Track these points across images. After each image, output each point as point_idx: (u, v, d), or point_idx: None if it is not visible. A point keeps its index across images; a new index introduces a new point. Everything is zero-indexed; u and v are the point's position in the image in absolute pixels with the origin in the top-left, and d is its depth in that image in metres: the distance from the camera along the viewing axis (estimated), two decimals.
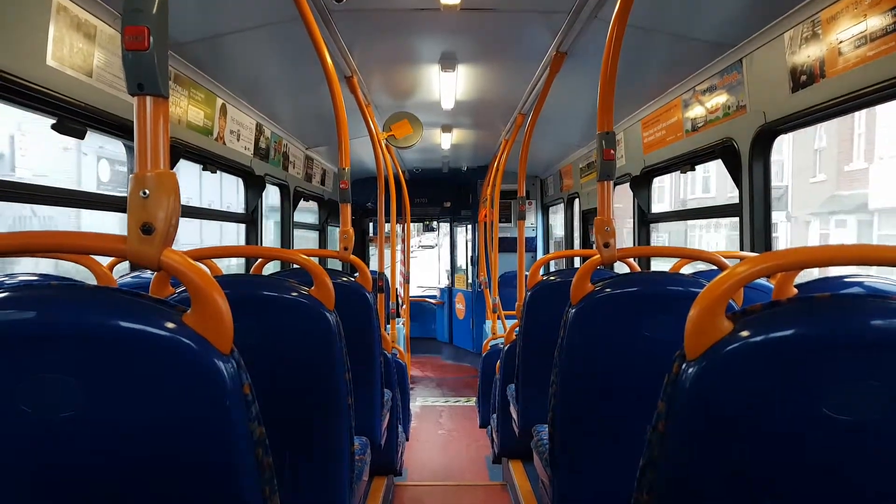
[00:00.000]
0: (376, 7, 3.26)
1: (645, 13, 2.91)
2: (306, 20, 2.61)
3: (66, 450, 1.01)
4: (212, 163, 4.15)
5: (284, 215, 6.04)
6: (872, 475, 1.00)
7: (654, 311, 1.92)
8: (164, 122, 1.09)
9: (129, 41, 1.06)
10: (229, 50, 3.61)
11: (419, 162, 9.23)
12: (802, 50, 2.73)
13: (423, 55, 4.16)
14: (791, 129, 3.08)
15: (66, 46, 2.49)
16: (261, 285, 1.87)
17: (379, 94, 5.15)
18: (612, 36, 2.05)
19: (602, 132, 2.09)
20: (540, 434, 2.60)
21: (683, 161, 4.19)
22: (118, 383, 1.00)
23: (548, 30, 3.53)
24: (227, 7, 3.12)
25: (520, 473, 3.98)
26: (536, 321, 2.82)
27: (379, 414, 2.82)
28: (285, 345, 1.83)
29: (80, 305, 1.01)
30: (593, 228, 2.14)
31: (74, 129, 2.68)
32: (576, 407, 2.05)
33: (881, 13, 2.25)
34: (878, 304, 0.99)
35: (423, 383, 9.31)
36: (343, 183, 3.20)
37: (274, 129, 5.30)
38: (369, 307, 2.66)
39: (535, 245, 9.77)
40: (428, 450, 6.16)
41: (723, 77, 3.49)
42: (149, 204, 1.06)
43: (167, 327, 0.99)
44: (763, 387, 0.98)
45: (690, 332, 1.00)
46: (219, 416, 1.02)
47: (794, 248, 1.07)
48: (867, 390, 0.96)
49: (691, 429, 1.02)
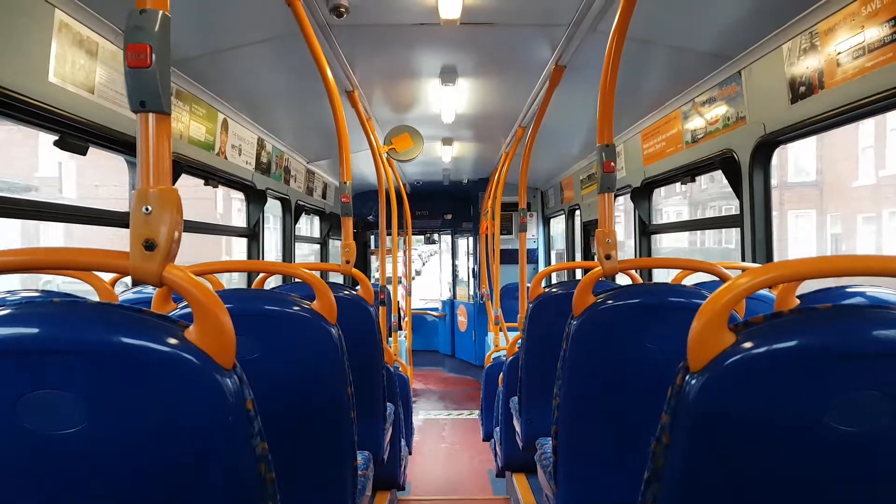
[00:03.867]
0: (376, 22, 3.29)
1: (644, 25, 2.92)
2: (307, 35, 2.63)
3: (68, 466, 1.00)
4: (213, 177, 4.16)
5: (286, 229, 6.06)
6: (877, 486, 0.99)
7: (656, 323, 1.92)
8: (166, 139, 1.09)
9: (132, 59, 1.07)
10: (230, 65, 3.63)
11: (420, 175, 9.26)
12: (801, 61, 2.74)
13: (423, 69, 4.19)
14: (791, 140, 3.09)
15: (69, 63, 2.51)
16: (262, 299, 1.87)
17: (380, 107, 5.17)
18: (612, 48, 2.06)
19: (602, 144, 2.09)
20: (543, 447, 2.59)
21: (684, 172, 4.19)
22: (120, 399, 1.00)
23: (547, 43, 3.55)
24: (228, 23, 3.14)
25: (524, 487, 3.95)
26: (539, 333, 2.81)
27: (381, 428, 2.81)
28: (287, 359, 1.83)
29: (82, 321, 1.01)
30: (594, 240, 2.14)
31: (76, 145, 2.69)
32: (579, 420, 2.04)
33: (879, 24, 2.26)
34: (880, 315, 0.99)
35: (425, 396, 9.28)
36: (344, 197, 3.21)
37: (275, 143, 5.32)
38: (371, 320, 2.66)
39: (537, 257, 9.78)
40: (431, 463, 6.13)
41: (722, 89, 3.50)
42: (151, 220, 1.06)
43: (169, 343, 0.99)
44: (766, 398, 0.98)
45: (693, 345, 1.00)
46: (221, 431, 1.01)
47: (795, 260, 1.07)
48: (871, 401, 0.95)
49: (695, 441, 1.01)
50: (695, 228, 5.37)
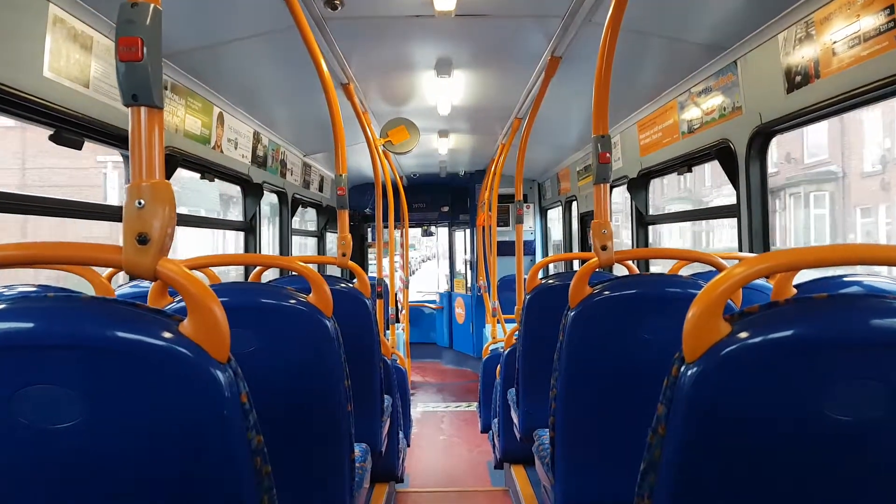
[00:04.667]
0: (371, 15, 3.27)
1: (639, 16, 2.91)
2: (301, 28, 2.61)
3: (64, 460, 1.00)
4: (209, 171, 4.15)
5: (282, 222, 6.05)
6: (874, 475, 1.00)
7: (652, 313, 1.92)
8: (158, 133, 1.09)
9: (123, 52, 1.06)
10: (226, 59, 3.61)
11: (417, 167, 9.24)
12: (796, 51, 2.73)
13: (418, 61, 4.17)
14: (787, 130, 3.09)
15: (63, 58, 2.49)
16: (259, 293, 1.87)
17: (375, 100, 5.15)
18: (606, 40, 2.05)
19: (597, 136, 2.09)
20: (541, 438, 2.60)
21: (680, 163, 4.19)
22: (115, 393, 1.00)
23: (542, 34, 3.53)
24: (223, 16, 3.12)
25: (522, 478, 3.97)
26: (536, 325, 2.82)
27: (379, 420, 2.82)
28: (284, 352, 1.83)
29: (77, 316, 1.01)
30: (591, 231, 2.14)
31: (72, 139, 2.68)
32: (576, 411, 2.04)
33: (874, 13, 2.26)
34: (876, 304, 0.99)
35: (423, 389, 9.29)
36: (340, 189, 3.20)
37: (271, 136, 5.31)
38: (368, 313, 2.66)
39: (534, 248, 9.78)
40: (429, 456, 6.15)
41: (718, 79, 3.49)
42: (144, 214, 1.06)
43: (163, 337, 0.99)
44: (762, 388, 0.98)
45: (688, 335, 1.01)
46: (216, 425, 1.02)
47: (791, 249, 1.07)
48: (867, 390, 0.96)
49: (691, 431, 1.02)
50: (692, 219, 5.37)
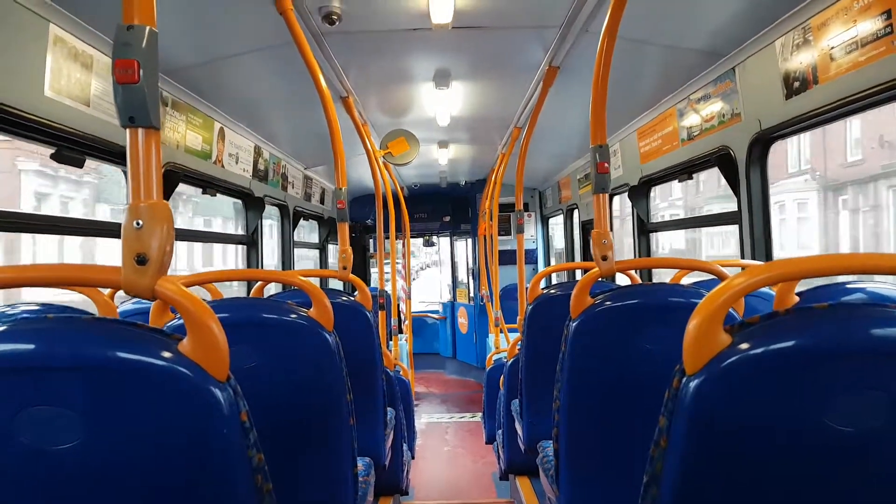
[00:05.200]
0: (369, 29, 3.29)
1: (636, 25, 2.92)
2: (300, 44, 2.62)
3: (65, 481, 1.00)
4: (211, 186, 4.16)
5: (284, 235, 6.05)
6: (876, 485, 0.99)
7: (654, 324, 1.91)
8: (156, 154, 1.09)
9: (120, 74, 1.07)
10: (226, 74, 3.63)
11: (417, 178, 9.26)
12: (794, 57, 2.74)
13: (417, 74, 4.19)
14: (787, 136, 3.09)
15: (64, 77, 2.51)
16: (259, 308, 1.86)
17: (375, 113, 5.17)
18: (603, 49, 2.06)
19: (595, 145, 2.09)
20: (545, 450, 2.58)
21: (680, 170, 4.19)
22: (115, 414, 1.00)
23: (539, 45, 3.54)
24: (222, 32, 3.14)
25: (527, 490, 3.94)
26: (538, 335, 2.81)
27: (382, 433, 2.80)
28: (285, 367, 1.82)
29: (77, 337, 1.01)
30: (591, 241, 2.14)
31: (73, 157, 2.69)
32: (579, 423, 2.03)
33: (871, 18, 2.26)
34: (877, 313, 0.99)
35: (427, 399, 9.26)
36: (340, 203, 3.21)
37: (272, 150, 5.32)
38: (369, 326, 2.65)
39: (536, 257, 9.77)
40: (434, 467, 6.12)
41: (716, 85, 3.50)
42: (142, 234, 1.06)
43: (163, 356, 0.99)
44: (763, 400, 0.97)
45: (688, 347, 1.00)
46: (216, 443, 1.01)
47: (793, 258, 1.06)
48: (869, 400, 0.95)
49: (692, 444, 1.01)
50: (693, 226, 5.37)
